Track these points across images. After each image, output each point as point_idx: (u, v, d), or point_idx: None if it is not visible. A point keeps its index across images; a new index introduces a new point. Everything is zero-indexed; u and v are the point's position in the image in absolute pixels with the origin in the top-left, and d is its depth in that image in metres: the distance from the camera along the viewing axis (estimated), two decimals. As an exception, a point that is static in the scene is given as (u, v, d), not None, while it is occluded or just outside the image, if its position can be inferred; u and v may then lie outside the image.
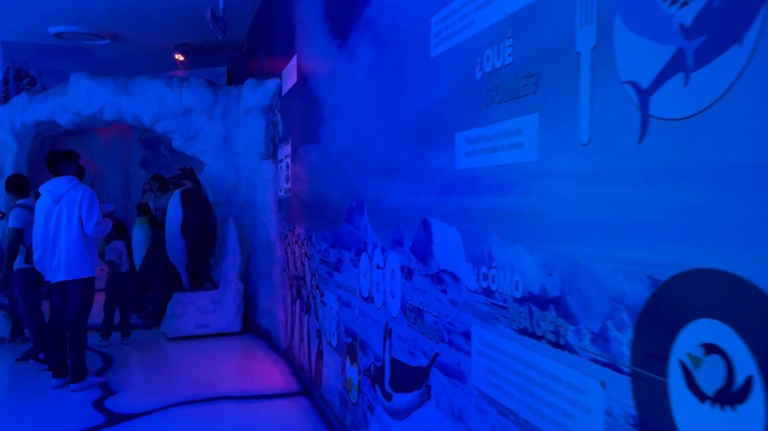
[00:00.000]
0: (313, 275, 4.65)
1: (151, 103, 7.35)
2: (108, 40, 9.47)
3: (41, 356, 5.37)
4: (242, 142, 7.20)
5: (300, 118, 5.24)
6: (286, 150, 5.89)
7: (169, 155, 10.24)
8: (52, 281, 4.69)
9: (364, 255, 3.36)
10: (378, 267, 3.10)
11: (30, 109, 8.55)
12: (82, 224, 4.65)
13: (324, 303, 4.29)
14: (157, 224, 8.19)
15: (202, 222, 6.67)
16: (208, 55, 10.18)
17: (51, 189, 4.66)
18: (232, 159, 7.32)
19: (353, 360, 3.57)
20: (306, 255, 4.92)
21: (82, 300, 4.73)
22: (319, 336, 4.45)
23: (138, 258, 8.23)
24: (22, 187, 5.66)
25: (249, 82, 6.87)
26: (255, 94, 6.68)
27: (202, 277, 6.82)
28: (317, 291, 4.51)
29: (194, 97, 7.23)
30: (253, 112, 6.78)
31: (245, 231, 7.11)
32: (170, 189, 8.50)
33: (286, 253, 5.83)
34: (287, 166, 5.80)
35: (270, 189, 6.36)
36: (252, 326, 6.80)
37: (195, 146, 7.43)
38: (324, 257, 4.31)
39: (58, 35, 9.21)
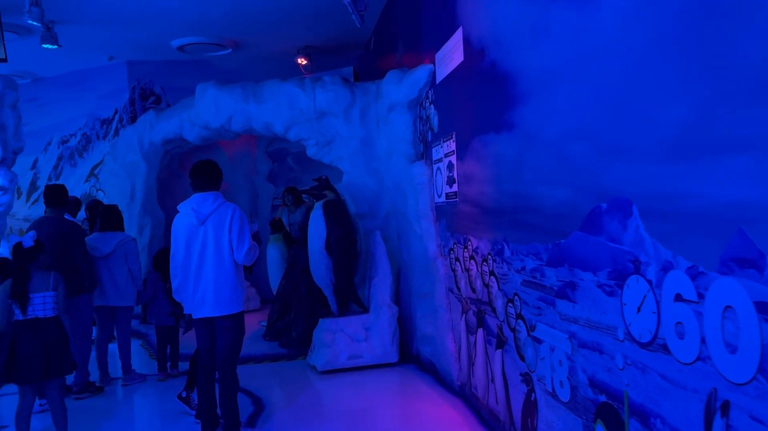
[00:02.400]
0: (510, 301, 3.62)
1: (282, 108, 6.68)
2: (230, 49, 9.01)
3: (183, 394, 4.71)
4: (384, 144, 6.32)
5: (471, 104, 4.24)
6: (445, 147, 4.92)
7: (297, 167, 9.65)
8: (195, 316, 3.97)
9: (635, 280, 2.28)
10: (682, 299, 2.01)
11: (157, 127, 8.22)
12: (231, 250, 3.91)
13: (537, 340, 3.24)
14: (292, 241, 7.52)
15: (348, 237, 5.84)
16: (332, 56, 9.51)
17: (195, 207, 3.94)
18: (372, 164, 6.47)
19: (615, 428, 2.48)
20: (492, 274, 3.90)
21: (233, 338, 3.98)
22: (529, 382, 3.40)
23: (274, 278, 7.60)
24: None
25: (392, 74, 5.98)
26: (400, 86, 5.77)
27: (349, 299, 5.98)
28: (520, 322, 3.47)
29: (329, 98, 6.46)
30: (397, 108, 5.88)
31: (392, 245, 6.22)
32: (304, 202, 7.85)
33: (454, 271, 4.85)
34: (449, 165, 4.82)
35: (424, 195, 5.41)
36: (409, 356, 5.86)
37: (331, 153, 6.66)
38: (532, 278, 3.26)
39: (180, 48, 8.87)
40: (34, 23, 6.37)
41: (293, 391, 5.18)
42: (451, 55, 4.65)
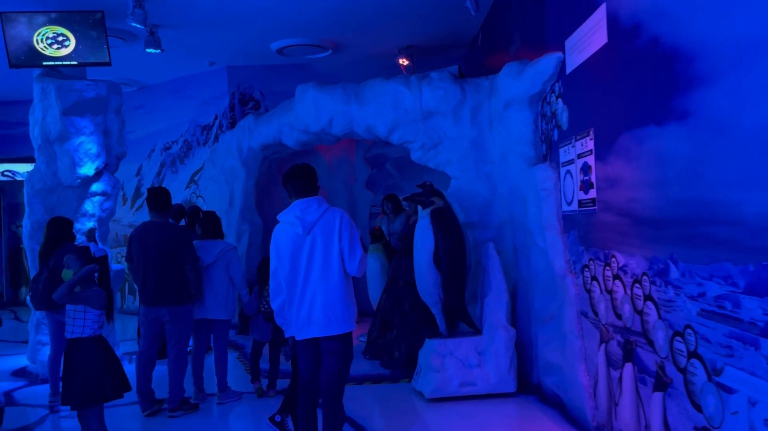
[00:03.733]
0: (678, 334, 2.89)
1: (386, 108, 6.20)
2: (329, 51, 8.68)
3: (278, 418, 4.28)
4: (498, 146, 5.69)
5: (617, 93, 3.55)
6: (578, 147, 4.23)
7: (397, 173, 9.18)
8: (299, 337, 3.51)
9: None
10: None
11: (256, 132, 8.00)
12: (342, 260, 3.43)
13: (724, 388, 2.51)
14: (392, 251, 7.03)
15: (459, 249, 5.25)
16: (435, 56, 8.97)
17: (299, 214, 3.49)
18: (484, 168, 5.86)
19: None
20: (650, 298, 3.18)
21: (342, 362, 3.48)
22: (710, 440, 2.66)
23: (374, 291, 7.13)
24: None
25: (509, 67, 5.35)
26: (519, 80, 5.13)
27: (457, 318, 5.38)
28: (696, 362, 2.74)
29: (437, 96, 5.92)
30: (515, 104, 5.24)
31: (507, 259, 5.56)
32: (404, 210, 7.35)
33: (589, 292, 4.14)
34: (585, 167, 4.12)
35: (549, 203, 4.73)
36: (529, 386, 5.17)
37: (438, 156, 6.11)
38: (718, 308, 2.54)
39: (280, 51, 8.63)
40: (138, 26, 6.26)
41: (399, 421, 4.64)
42: (589, 38, 3.97)
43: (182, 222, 6.76)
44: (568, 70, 4.43)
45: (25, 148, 8.89)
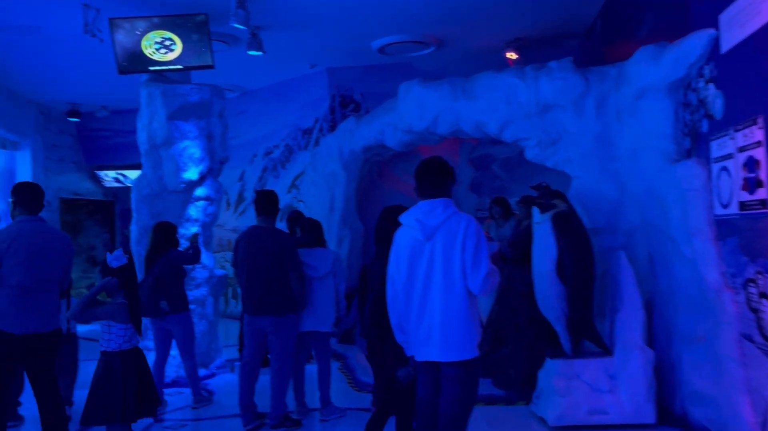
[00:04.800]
0: None
1: (498, 103, 5.70)
2: (432, 47, 8.28)
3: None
4: (628, 141, 5.03)
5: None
6: (739, 139, 3.56)
7: (504, 175, 8.61)
8: (418, 358, 3.10)
9: None
10: None
11: (358, 134, 7.72)
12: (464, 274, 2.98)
13: None
14: (503, 259, 6.48)
15: (586, 257, 4.66)
16: (546, 48, 8.34)
17: (420, 217, 3.07)
18: (611, 166, 5.21)
19: None
20: None
21: (464, 393, 3.03)
22: None
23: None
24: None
25: (643, 51, 4.70)
26: (656, 65, 4.48)
27: (583, 335, 4.78)
28: None
29: (555, 87, 5.35)
30: (651, 93, 4.59)
31: (640, 269, 4.87)
32: (514, 214, 6.80)
33: (755, 311, 3.45)
34: (750, 163, 3.45)
35: (697, 205, 4.05)
36: (671, 416, 4.47)
37: (557, 154, 5.52)
38: None
39: (381, 50, 8.33)
40: (240, 26, 6.12)
41: (520, 451, 4.13)
42: (756, 7, 3.31)
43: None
44: (724, 49, 3.76)
45: (137, 154, 9.15)
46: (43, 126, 10.98)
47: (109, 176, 12.45)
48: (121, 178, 12.38)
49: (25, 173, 10.47)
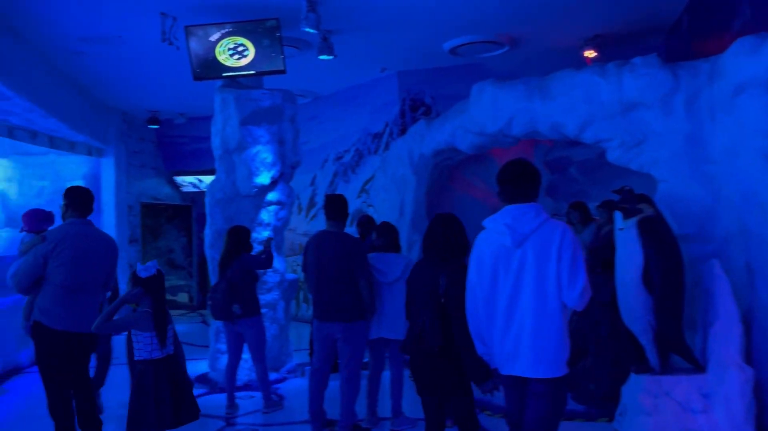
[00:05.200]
0: None
1: (577, 103, 5.43)
2: (506, 47, 8.05)
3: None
4: (723, 141, 4.64)
5: None
6: None
7: (582, 178, 8.24)
8: (503, 371, 2.93)
9: None
10: None
11: (428, 137, 7.58)
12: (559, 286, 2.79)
13: None
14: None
15: (675, 266, 4.33)
16: (627, 45, 7.94)
17: (510, 223, 2.89)
18: (703, 168, 4.84)
19: None
20: None
21: (551, 411, 2.84)
22: None
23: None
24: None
25: (741, 43, 4.32)
26: (757, 57, 4.11)
27: (672, 349, 4.44)
28: None
29: (640, 84, 5.03)
30: (751, 88, 4.20)
31: (737, 280, 4.47)
32: (593, 220, 6.48)
33: None
34: None
35: (805, 209, 3.66)
36: (774, 441, 4.09)
37: (642, 155, 5.20)
38: None
39: (452, 51, 8.17)
40: (311, 30, 6.12)
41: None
42: None
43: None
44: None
45: (212, 160, 9.37)
46: (126, 133, 11.45)
47: (186, 181, 12.85)
48: (197, 182, 12.74)
49: (108, 179, 10.94)
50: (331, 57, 7.19)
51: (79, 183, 11.00)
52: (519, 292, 2.81)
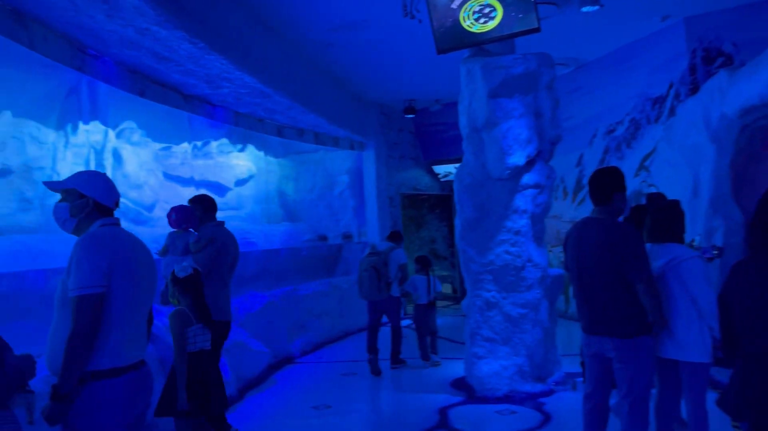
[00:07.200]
0: None
1: None
2: None
3: None
4: None
5: None
6: None
7: None
8: None
9: None
10: None
11: (732, 92, 5.89)
12: None
13: None
14: None
15: None
16: None
17: None
18: None
19: None
20: None
21: None
22: None
23: None
24: None
25: None
26: None
27: None
28: None
29: None
30: None
31: None
32: None
33: None
34: None
35: None
36: None
37: None
38: None
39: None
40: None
41: None
42: None
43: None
44: None
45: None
46: (385, 125, 11.53)
47: (444, 170, 12.55)
48: (454, 170, 12.35)
49: (369, 172, 11.11)
50: (596, 7, 6.00)
51: (344, 178, 11.42)
52: None
